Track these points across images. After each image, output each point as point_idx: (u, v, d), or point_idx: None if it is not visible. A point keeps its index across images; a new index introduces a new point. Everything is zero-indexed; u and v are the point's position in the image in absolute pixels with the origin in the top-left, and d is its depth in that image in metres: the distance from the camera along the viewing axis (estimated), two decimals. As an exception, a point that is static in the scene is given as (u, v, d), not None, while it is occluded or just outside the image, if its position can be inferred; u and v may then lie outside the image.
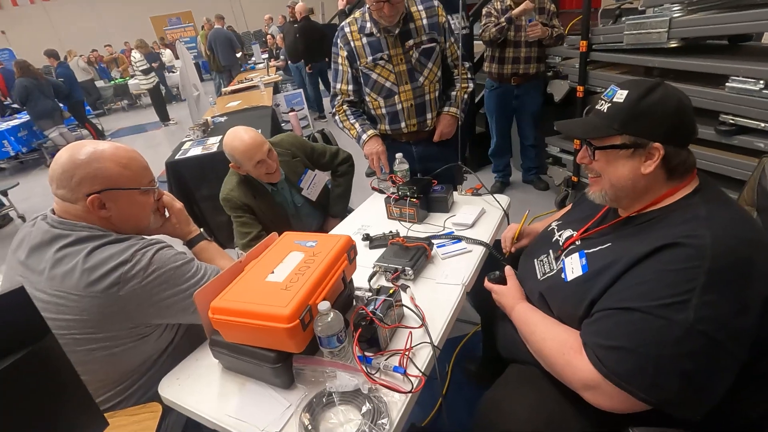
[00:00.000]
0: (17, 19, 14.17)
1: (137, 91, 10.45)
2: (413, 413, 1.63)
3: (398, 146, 1.89)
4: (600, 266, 0.88)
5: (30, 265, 0.99)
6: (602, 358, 0.79)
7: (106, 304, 0.95)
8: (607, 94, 0.92)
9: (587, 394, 0.82)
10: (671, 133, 0.85)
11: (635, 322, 0.76)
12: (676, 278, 0.75)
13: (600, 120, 0.91)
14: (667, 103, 0.85)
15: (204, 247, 1.25)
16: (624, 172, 0.90)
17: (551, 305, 0.98)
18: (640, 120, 0.86)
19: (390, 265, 1.27)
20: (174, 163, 2.95)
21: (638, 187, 0.90)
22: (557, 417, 0.90)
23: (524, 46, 2.80)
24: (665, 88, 0.86)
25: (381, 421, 0.81)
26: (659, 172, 0.87)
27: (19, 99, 5.76)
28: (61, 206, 1.02)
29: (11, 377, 0.67)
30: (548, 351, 0.91)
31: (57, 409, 0.75)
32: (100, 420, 0.80)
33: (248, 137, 1.65)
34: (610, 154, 0.91)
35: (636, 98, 0.86)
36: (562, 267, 0.99)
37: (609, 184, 0.93)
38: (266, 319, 0.85)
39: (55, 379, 0.75)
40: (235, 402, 0.94)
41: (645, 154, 0.87)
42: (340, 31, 1.80)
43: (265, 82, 5.61)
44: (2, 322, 0.67)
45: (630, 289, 0.80)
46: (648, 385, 0.74)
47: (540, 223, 1.39)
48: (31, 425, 0.71)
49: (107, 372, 1.04)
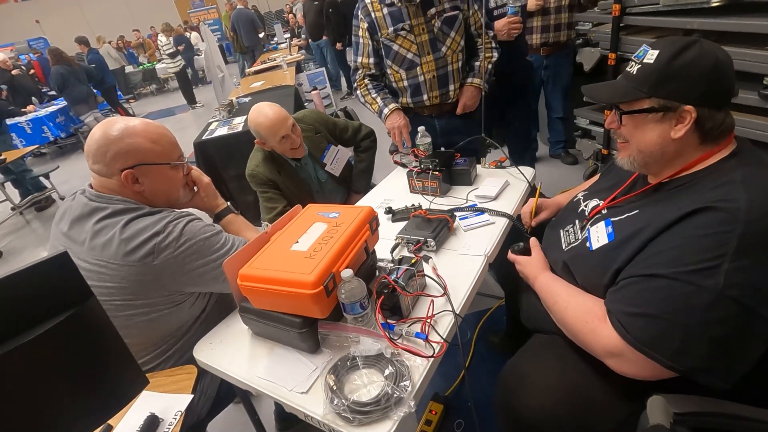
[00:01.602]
0: (50, 8, 14.63)
1: (165, 75, 10.67)
2: (437, 384, 1.68)
3: (420, 120, 1.87)
4: (627, 234, 0.86)
5: (72, 236, 1.05)
6: (626, 325, 0.78)
7: (143, 272, 1.00)
8: (638, 54, 0.87)
9: (611, 362, 0.82)
10: (706, 95, 0.80)
11: (662, 289, 0.75)
12: (707, 243, 0.72)
13: (628, 83, 0.87)
14: (703, 63, 0.79)
15: (231, 220, 1.29)
16: (652, 137, 0.86)
17: (575, 275, 0.97)
18: (672, 81, 0.81)
19: (412, 236, 1.28)
20: (202, 144, 3.03)
21: (668, 153, 0.86)
22: (580, 385, 0.90)
23: (553, 13, 2.66)
24: (701, 45, 0.81)
25: (403, 383, 0.83)
26: (691, 136, 0.83)
27: (57, 86, 5.98)
28: (97, 181, 1.08)
29: (58, 337, 0.72)
30: (571, 319, 0.90)
31: (102, 366, 0.80)
32: (141, 378, 0.86)
33: (272, 113, 1.67)
34: (638, 118, 0.87)
35: (668, 58, 0.81)
36: (588, 236, 0.97)
37: (637, 150, 0.90)
38: (292, 286, 0.88)
39: (98, 339, 0.80)
40: (264, 365, 0.99)
41: (676, 118, 0.82)
42: (361, 2, 1.77)
43: (288, 61, 5.61)
44: (48, 284, 0.72)
45: (658, 255, 0.78)
46: (674, 352, 0.73)
47: (565, 194, 1.36)
48: (79, 381, 0.77)
49: (146, 336, 1.11)
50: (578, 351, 0.90)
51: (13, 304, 0.68)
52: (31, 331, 0.69)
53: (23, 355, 0.68)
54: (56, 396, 0.74)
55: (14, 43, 13.10)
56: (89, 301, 0.77)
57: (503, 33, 2.20)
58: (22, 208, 4.56)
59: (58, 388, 0.74)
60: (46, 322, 0.71)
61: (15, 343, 0.68)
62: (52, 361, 0.73)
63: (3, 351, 0.66)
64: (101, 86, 7.25)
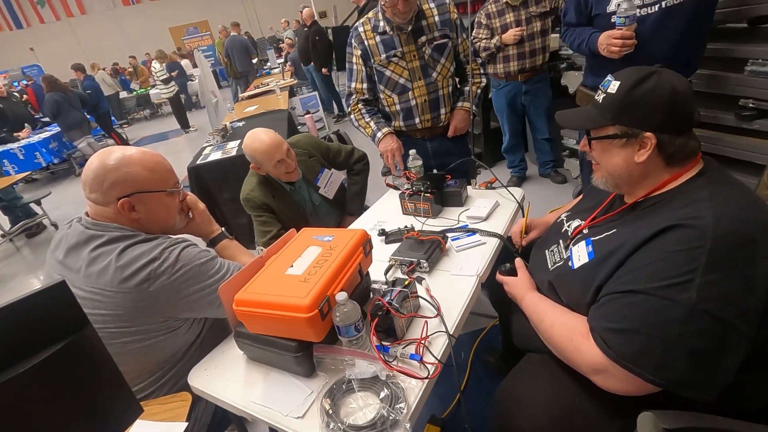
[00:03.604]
0: (45, 35, 14.80)
1: (158, 101, 10.78)
2: (433, 405, 1.67)
3: (413, 142, 1.92)
4: (605, 252, 0.90)
5: (67, 264, 1.06)
6: (608, 341, 0.80)
7: (138, 299, 1.01)
8: (604, 84, 0.93)
9: (597, 378, 0.84)
10: (665, 122, 0.85)
11: (639, 304, 0.78)
12: (679, 259, 0.75)
13: (595, 111, 0.94)
14: (660, 92, 0.85)
15: (226, 245, 1.31)
16: (618, 161, 0.92)
17: (560, 293, 1.00)
18: (632, 110, 0.87)
19: (405, 258, 1.30)
20: (196, 168, 3.05)
21: (634, 175, 0.91)
22: (574, 404, 0.90)
23: (527, 40, 2.77)
24: (659, 76, 0.86)
25: (399, 405, 0.84)
26: (656, 159, 0.88)
27: (51, 113, 6.02)
28: (94, 209, 1.09)
29: (53, 366, 0.72)
30: (557, 338, 0.92)
31: (96, 395, 0.80)
32: (135, 406, 0.86)
33: (268, 138, 1.71)
34: (605, 143, 0.93)
35: (627, 89, 0.87)
36: (570, 255, 1.00)
37: (607, 172, 0.96)
38: (287, 310, 0.89)
39: (93, 367, 0.80)
40: (259, 390, 0.99)
41: (638, 143, 0.88)
42: (354, 31, 1.84)
43: (281, 86, 5.71)
44: (45, 314, 0.73)
45: (634, 272, 0.81)
46: (655, 366, 0.75)
47: (552, 214, 1.40)
48: (73, 410, 0.77)
49: (140, 363, 1.10)
50: (570, 370, 0.92)
51: (9, 334, 0.68)
52: (26, 361, 0.69)
53: (18, 385, 0.68)
54: (50, 426, 0.74)
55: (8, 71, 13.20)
56: (85, 330, 0.78)
57: (606, 47, 1.72)
58: (13, 235, 4.51)
59: (52, 418, 0.74)
60: (42, 351, 0.71)
61: (10, 374, 0.68)
62: (46, 390, 0.73)
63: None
64: (95, 112, 7.29)
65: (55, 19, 14.93)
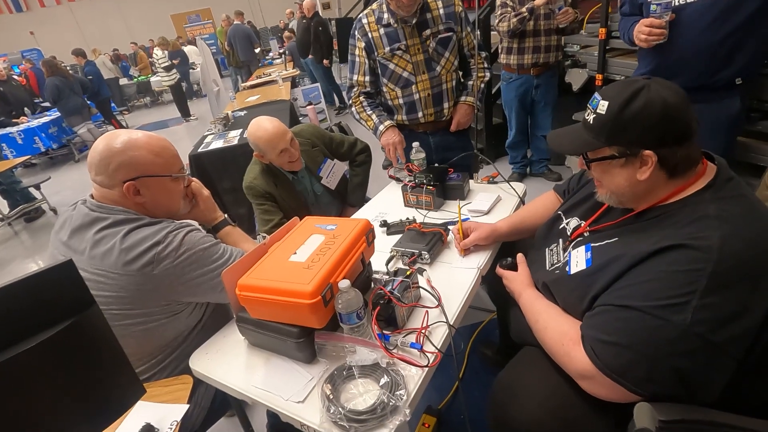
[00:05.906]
0: (45, 19, 14.67)
1: (159, 88, 10.70)
2: (431, 396, 1.69)
3: (415, 136, 1.91)
4: (604, 261, 0.89)
5: (72, 245, 1.06)
6: (598, 351, 0.81)
7: (142, 282, 1.02)
8: (592, 103, 0.89)
9: (583, 383, 0.85)
10: (662, 137, 0.82)
11: (633, 320, 0.78)
12: (679, 279, 0.75)
13: (588, 132, 0.90)
14: (651, 109, 0.81)
15: (229, 232, 1.31)
16: (620, 180, 0.89)
17: (556, 297, 1.01)
18: (627, 131, 0.83)
19: (407, 249, 1.31)
20: (197, 156, 3.05)
21: (638, 191, 0.89)
22: (570, 395, 0.91)
23: (544, 35, 2.77)
24: (648, 91, 0.82)
25: (399, 392, 0.85)
26: (659, 174, 0.85)
27: (52, 98, 5.96)
28: (99, 192, 1.10)
29: (58, 345, 0.73)
30: (549, 339, 0.94)
31: (99, 374, 0.81)
32: (138, 387, 0.87)
33: (272, 126, 1.71)
34: (604, 164, 0.90)
35: (617, 110, 0.83)
36: (568, 259, 1.00)
37: (609, 190, 0.93)
38: (290, 296, 0.90)
39: (98, 348, 0.81)
40: (260, 374, 1.00)
41: (638, 161, 0.85)
42: (358, 22, 1.83)
43: (283, 76, 5.69)
44: (51, 292, 0.73)
45: (632, 287, 0.81)
46: (640, 380, 0.77)
47: (505, 220, 1.36)
48: (76, 390, 0.77)
49: (143, 346, 1.11)
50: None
51: (15, 311, 0.69)
52: (31, 339, 0.70)
53: (23, 363, 0.69)
54: (53, 404, 0.74)
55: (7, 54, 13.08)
56: (91, 310, 0.78)
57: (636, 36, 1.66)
58: (11, 219, 4.50)
59: (56, 397, 0.75)
60: (47, 329, 0.72)
61: (14, 351, 0.68)
62: (51, 368, 0.73)
63: (3, 359, 0.67)
64: (96, 98, 7.24)
65: (56, 2, 14.78)
